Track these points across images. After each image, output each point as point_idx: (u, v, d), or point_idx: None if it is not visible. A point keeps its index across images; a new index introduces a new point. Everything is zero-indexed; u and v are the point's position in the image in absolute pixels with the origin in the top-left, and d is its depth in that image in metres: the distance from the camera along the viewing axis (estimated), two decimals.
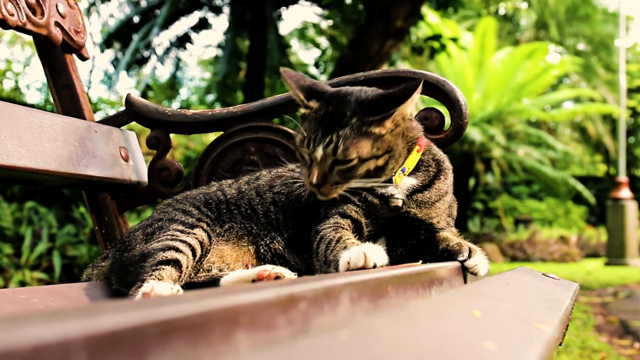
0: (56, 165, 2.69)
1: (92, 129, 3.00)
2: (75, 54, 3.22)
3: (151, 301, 0.79)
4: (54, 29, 3.03)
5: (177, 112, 3.13)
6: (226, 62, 18.24)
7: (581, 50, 35.02)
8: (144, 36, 17.77)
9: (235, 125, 3.06)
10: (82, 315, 0.64)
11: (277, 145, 3.02)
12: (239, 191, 2.55)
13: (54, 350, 0.57)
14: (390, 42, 11.13)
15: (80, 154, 2.84)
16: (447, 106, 2.82)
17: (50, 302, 2.16)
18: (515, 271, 2.56)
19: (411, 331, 0.98)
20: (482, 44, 26.11)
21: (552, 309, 1.67)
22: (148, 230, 2.37)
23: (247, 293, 0.86)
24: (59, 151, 2.73)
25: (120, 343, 0.63)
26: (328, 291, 1.05)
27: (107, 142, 3.04)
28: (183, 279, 2.17)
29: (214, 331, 0.76)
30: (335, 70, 12.37)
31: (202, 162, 3.09)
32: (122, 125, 3.22)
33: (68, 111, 3.12)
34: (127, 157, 3.13)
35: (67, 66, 3.17)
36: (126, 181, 3.08)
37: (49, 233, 9.17)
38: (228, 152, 3.06)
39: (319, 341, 0.83)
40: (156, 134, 3.12)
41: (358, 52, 11.27)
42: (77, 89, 3.17)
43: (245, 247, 2.41)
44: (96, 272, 2.57)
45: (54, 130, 2.75)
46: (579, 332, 7.74)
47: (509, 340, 1.07)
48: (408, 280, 1.46)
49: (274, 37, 17.47)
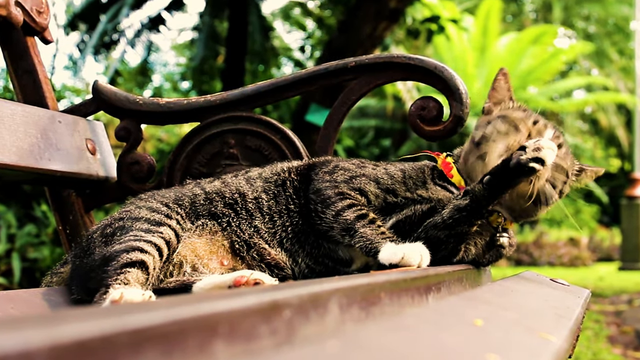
0: (16, 158, 2.68)
1: (56, 119, 2.99)
2: (37, 36, 3.21)
3: (120, 308, 0.78)
4: (14, 9, 3.02)
5: (149, 100, 3.12)
6: (203, 46, 18.17)
7: (593, 34, 35.08)
8: (112, 17, 17.67)
9: (213, 116, 3.06)
10: (45, 323, 0.64)
11: (260, 138, 3.02)
12: (223, 183, 2.57)
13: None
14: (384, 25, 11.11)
15: (43, 147, 2.83)
16: (446, 95, 2.82)
17: (10, 309, 2.16)
18: (520, 276, 2.57)
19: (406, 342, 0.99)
20: (485, 27, 26.15)
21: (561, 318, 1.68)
22: (107, 230, 2.35)
23: (225, 300, 0.86)
24: (19, 143, 2.72)
25: (87, 354, 0.63)
26: (315, 298, 1.05)
27: (72, 133, 3.03)
28: (151, 281, 2.17)
29: (190, 341, 0.76)
30: (323, 55, 12.34)
31: (176, 156, 3.08)
32: (88, 115, 3.21)
33: (29, 99, 3.11)
34: (94, 150, 3.12)
35: (28, 50, 3.16)
36: (93, 176, 3.07)
37: (7, 233, 9.14)
38: (205, 144, 3.06)
39: (305, 353, 0.83)
40: (126, 125, 3.12)
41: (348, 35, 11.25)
42: (40, 74, 3.16)
43: (219, 242, 2.42)
44: (56, 279, 2.55)
45: (14, 120, 2.74)
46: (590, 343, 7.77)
47: (514, 353, 1.08)
48: (402, 285, 1.47)
49: (256, 19, 17.42)
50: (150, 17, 18.26)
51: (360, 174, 2.48)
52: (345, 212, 2.33)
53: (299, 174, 2.56)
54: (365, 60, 2.92)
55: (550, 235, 26.77)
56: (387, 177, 2.47)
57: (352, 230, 2.29)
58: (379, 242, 2.20)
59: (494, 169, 2.24)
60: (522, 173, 2.18)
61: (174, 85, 31.76)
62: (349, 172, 2.50)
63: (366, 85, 2.95)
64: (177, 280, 2.27)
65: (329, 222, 2.37)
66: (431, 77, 2.84)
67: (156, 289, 2.19)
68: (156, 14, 18.19)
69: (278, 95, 3.06)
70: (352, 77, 2.96)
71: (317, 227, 2.42)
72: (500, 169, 2.21)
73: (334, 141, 3.01)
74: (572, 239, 26.24)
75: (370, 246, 2.22)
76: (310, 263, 2.46)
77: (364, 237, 2.25)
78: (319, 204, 2.41)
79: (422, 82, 2.89)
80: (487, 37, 26.29)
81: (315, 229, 2.43)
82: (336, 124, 3.00)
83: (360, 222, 2.29)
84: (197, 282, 2.19)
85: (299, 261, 2.45)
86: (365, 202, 2.41)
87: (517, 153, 2.17)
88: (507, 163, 2.18)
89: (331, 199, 2.38)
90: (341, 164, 2.56)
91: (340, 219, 2.33)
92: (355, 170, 2.50)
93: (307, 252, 2.45)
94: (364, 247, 2.24)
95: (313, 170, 2.56)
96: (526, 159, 2.13)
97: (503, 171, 2.19)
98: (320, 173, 2.52)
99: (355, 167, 2.54)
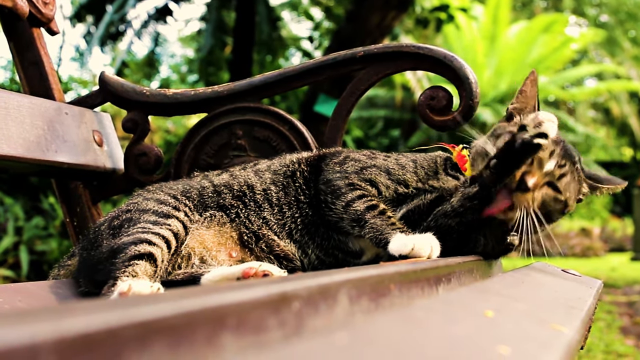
0: (23, 150, 2.68)
1: (63, 110, 2.99)
2: (43, 27, 3.21)
3: (127, 301, 0.78)
4: (20, 0, 3.02)
5: (157, 92, 3.12)
6: (210, 37, 18.14)
7: (605, 22, 34.96)
8: (119, 8, 17.68)
9: (221, 106, 3.06)
10: (51, 316, 0.64)
11: (268, 128, 3.02)
12: (231, 175, 2.57)
13: (21, 355, 0.56)
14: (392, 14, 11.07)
15: (50, 139, 2.83)
16: (455, 84, 2.82)
17: (17, 302, 2.16)
18: (531, 267, 2.56)
19: (416, 334, 0.99)
20: (495, 16, 26.08)
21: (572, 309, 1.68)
22: (115, 222, 2.35)
23: (234, 291, 0.86)
24: (25, 135, 2.72)
25: (93, 347, 0.63)
26: (324, 289, 1.05)
27: (79, 125, 3.04)
28: (159, 274, 2.17)
29: (198, 333, 0.76)
30: (331, 45, 12.31)
31: (184, 147, 3.08)
32: (95, 106, 3.22)
33: (36, 91, 3.11)
34: (101, 142, 3.13)
35: (34, 41, 3.16)
36: (100, 168, 3.08)
37: (15, 226, 9.17)
38: (213, 135, 3.06)
39: (314, 345, 0.83)
40: (133, 116, 3.12)
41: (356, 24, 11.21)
42: (46, 66, 3.16)
43: (228, 234, 2.42)
44: (63, 272, 2.56)
45: (20, 112, 2.75)
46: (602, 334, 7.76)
47: (525, 344, 1.08)
48: (412, 277, 1.46)
49: (263, 9, 17.41)
50: (157, 8, 18.27)
51: (371, 165, 2.48)
52: (355, 202, 2.33)
53: (309, 164, 2.56)
54: (374, 49, 2.92)
55: (561, 226, 26.71)
56: (398, 168, 2.47)
57: (362, 221, 2.29)
58: (389, 232, 2.20)
59: (499, 152, 2.23)
60: (529, 151, 2.17)
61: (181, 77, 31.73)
62: (359, 162, 2.49)
63: (375, 75, 2.94)
64: (185, 272, 2.27)
65: (339, 213, 2.37)
66: (440, 66, 2.83)
67: (164, 281, 2.19)
68: (163, 5, 18.19)
69: (286, 86, 3.06)
70: (361, 67, 2.96)
71: (327, 218, 2.42)
72: (506, 151, 2.20)
73: (343, 132, 3.01)
74: (584, 229, 26.20)
75: (380, 237, 2.22)
76: (321, 254, 2.46)
77: (374, 228, 2.25)
78: (329, 194, 2.41)
79: (432, 71, 2.88)
80: (497, 25, 26.22)
81: (325, 220, 2.43)
82: (345, 115, 3.00)
83: (370, 213, 2.29)
84: (206, 274, 2.19)
85: (309, 253, 2.45)
86: (375, 193, 2.40)
87: (519, 134, 2.16)
88: (512, 145, 2.17)
89: (341, 190, 2.38)
90: (352, 155, 2.56)
91: (350, 209, 2.33)
92: (366, 161, 2.50)
93: (317, 244, 2.45)
94: (374, 238, 2.24)
95: (323, 161, 2.56)
96: (530, 137, 2.12)
97: (509, 153, 2.19)
98: (331, 164, 2.51)
99: (366, 158, 2.54)
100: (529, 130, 2.14)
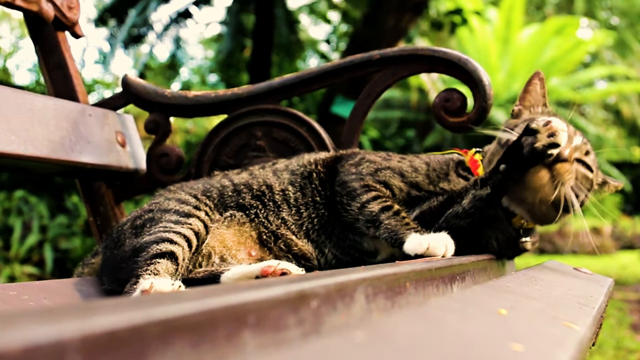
0: (48, 151, 2.69)
1: (86, 112, 3.00)
2: (68, 31, 3.22)
3: (150, 299, 0.79)
4: (45, 5, 3.04)
5: (178, 94, 3.13)
6: (230, 40, 18.17)
7: (615, 25, 34.82)
8: (141, 11, 17.71)
9: (241, 108, 3.06)
10: (77, 314, 0.65)
11: (286, 130, 3.02)
12: (251, 174, 2.58)
13: (47, 353, 0.57)
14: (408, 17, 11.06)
15: (74, 140, 2.84)
16: (469, 86, 2.82)
17: (43, 300, 2.16)
18: (544, 265, 2.56)
19: (432, 331, 0.99)
20: (508, 19, 26.02)
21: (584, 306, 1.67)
22: (137, 222, 2.36)
23: (254, 290, 0.86)
24: (50, 136, 2.73)
25: (118, 344, 0.63)
26: (341, 288, 1.05)
27: (102, 126, 3.05)
28: (180, 272, 2.17)
29: (219, 331, 0.76)
30: (348, 47, 12.29)
31: (204, 148, 3.09)
32: (118, 108, 3.23)
33: (60, 93, 3.13)
34: (123, 143, 3.13)
35: (59, 45, 3.17)
36: (123, 168, 3.08)
37: (40, 224, 9.20)
38: (233, 136, 3.06)
39: (332, 342, 0.83)
40: (155, 118, 3.13)
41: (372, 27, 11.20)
42: (70, 69, 3.17)
43: (247, 233, 2.43)
44: (87, 270, 2.57)
45: (46, 113, 2.76)
46: (613, 331, 7.74)
47: (538, 341, 1.07)
48: (427, 275, 1.46)
49: (282, 12, 17.40)
50: (178, 12, 18.29)
51: (385, 167, 2.48)
52: (370, 204, 2.33)
53: (325, 166, 2.56)
54: (390, 52, 2.92)
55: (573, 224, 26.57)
56: (412, 170, 2.47)
57: (377, 222, 2.29)
58: (403, 232, 2.20)
59: (507, 156, 2.22)
60: (537, 160, 2.17)
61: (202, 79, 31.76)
62: (374, 164, 2.49)
63: (391, 77, 2.94)
64: (206, 270, 2.27)
65: (355, 214, 2.37)
66: (455, 69, 2.83)
67: (185, 279, 2.19)
68: (184, 8, 18.20)
69: (304, 88, 3.06)
70: (377, 70, 2.96)
71: (342, 218, 2.42)
72: (515, 157, 2.19)
73: (359, 133, 3.01)
74: (595, 228, 26.10)
75: (395, 237, 2.22)
76: (337, 253, 2.46)
77: (388, 228, 2.25)
78: (344, 196, 2.41)
79: (446, 74, 2.88)
80: (510, 28, 26.16)
81: (341, 221, 2.43)
82: (361, 116, 3.00)
83: (385, 214, 2.29)
84: (225, 272, 2.19)
85: (326, 252, 2.46)
86: (390, 195, 2.40)
87: (528, 139, 2.15)
88: (520, 149, 2.16)
89: (356, 191, 2.38)
90: (367, 157, 2.55)
91: (366, 210, 2.33)
92: (381, 163, 2.50)
93: (333, 243, 2.46)
94: (389, 238, 2.24)
95: (339, 162, 2.56)
96: (542, 147, 2.12)
97: (517, 159, 2.18)
98: (346, 165, 2.51)
99: (381, 159, 2.53)
100: (539, 137, 2.13)
